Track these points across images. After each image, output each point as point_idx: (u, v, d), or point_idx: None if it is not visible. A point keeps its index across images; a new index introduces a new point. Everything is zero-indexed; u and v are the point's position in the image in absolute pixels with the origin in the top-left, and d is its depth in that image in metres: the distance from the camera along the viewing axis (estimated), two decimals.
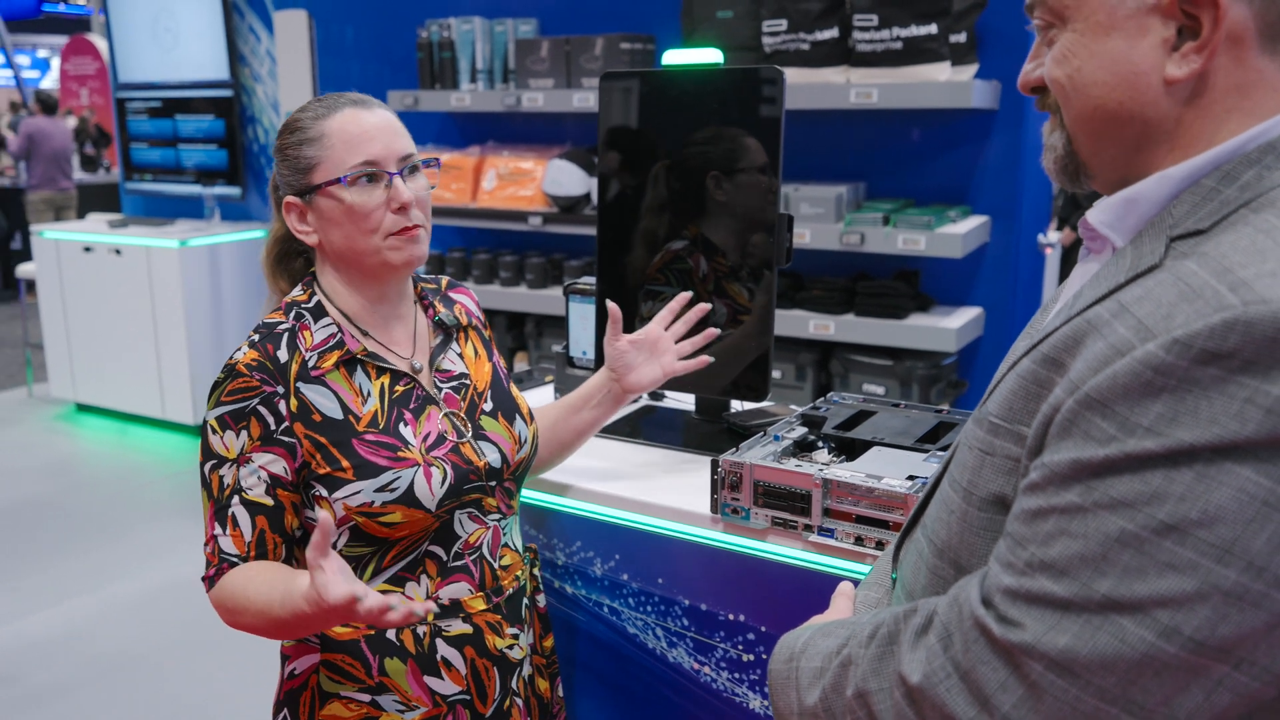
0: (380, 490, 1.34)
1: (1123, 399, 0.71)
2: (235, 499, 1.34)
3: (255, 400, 1.34)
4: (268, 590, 1.27)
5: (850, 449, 1.61)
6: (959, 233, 3.14)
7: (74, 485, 4.96)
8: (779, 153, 1.69)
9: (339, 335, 1.40)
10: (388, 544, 1.39)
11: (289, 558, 1.38)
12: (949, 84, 3.11)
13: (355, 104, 1.41)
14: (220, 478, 1.34)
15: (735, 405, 1.96)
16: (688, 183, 1.79)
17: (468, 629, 1.43)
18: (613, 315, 1.66)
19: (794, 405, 1.95)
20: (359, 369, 1.40)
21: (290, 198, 1.41)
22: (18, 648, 3.46)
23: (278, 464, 1.34)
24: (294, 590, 1.22)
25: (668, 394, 2.10)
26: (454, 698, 1.43)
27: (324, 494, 1.35)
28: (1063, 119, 0.89)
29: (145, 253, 5.38)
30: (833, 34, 3.24)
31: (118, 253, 5.49)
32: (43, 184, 9.11)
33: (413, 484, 1.36)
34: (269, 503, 1.34)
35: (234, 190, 5.70)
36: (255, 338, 1.38)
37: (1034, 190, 3.53)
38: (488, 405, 1.50)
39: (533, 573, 1.60)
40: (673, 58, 2.17)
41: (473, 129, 4.49)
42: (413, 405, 1.42)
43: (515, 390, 1.57)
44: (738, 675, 1.61)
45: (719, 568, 1.59)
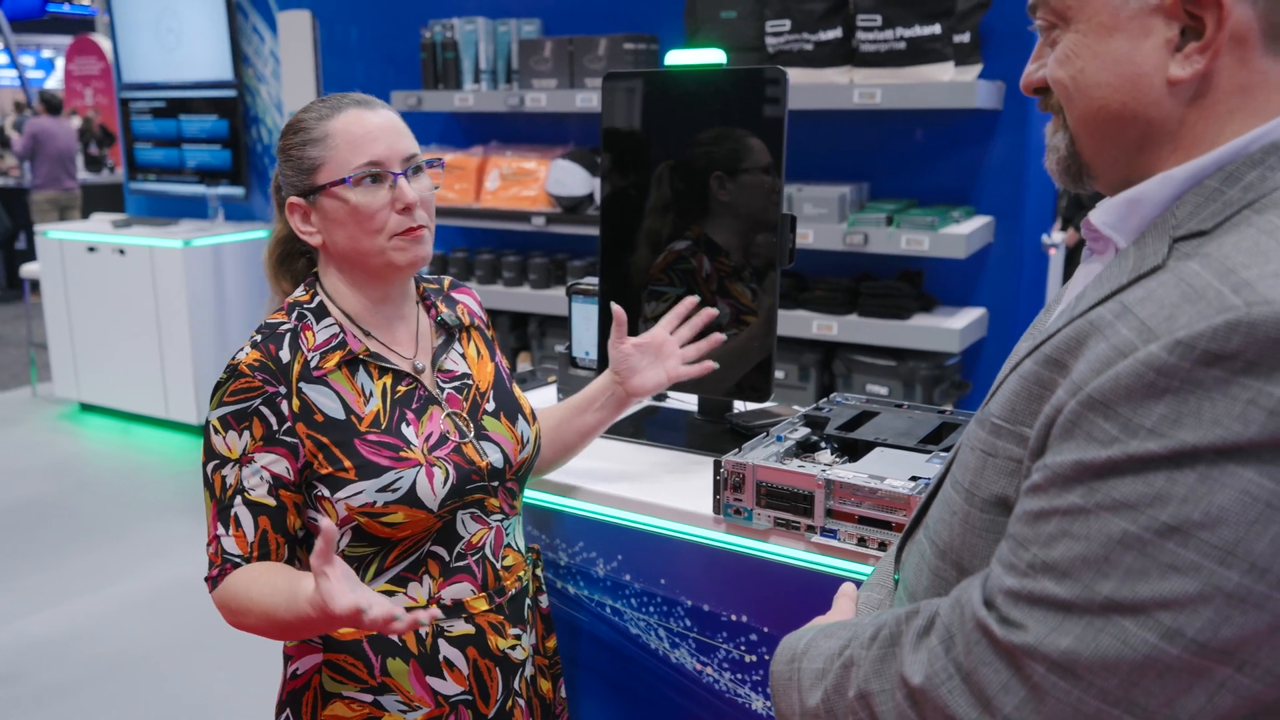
0: (382, 490, 1.34)
1: (1125, 400, 0.71)
2: (238, 499, 1.34)
3: (257, 400, 1.34)
4: (272, 593, 1.27)
5: (853, 450, 1.60)
6: (963, 233, 3.13)
7: (77, 485, 4.97)
8: (782, 153, 1.69)
9: (341, 335, 1.41)
10: (390, 544, 1.39)
11: (291, 558, 1.38)
12: (952, 84, 3.10)
13: (359, 104, 1.40)
14: (223, 478, 1.34)
15: (738, 406, 1.96)
16: (691, 183, 1.79)
17: (470, 629, 1.43)
18: (617, 318, 1.65)
19: (797, 406, 1.95)
20: (361, 369, 1.41)
21: (294, 198, 1.41)
22: (21, 647, 3.47)
23: (280, 464, 1.34)
24: (299, 594, 1.22)
25: (670, 394, 2.10)
26: (456, 698, 1.43)
27: (326, 494, 1.35)
28: (1065, 120, 0.88)
29: (149, 253, 5.39)
30: (836, 34, 3.24)
31: (121, 253, 5.50)
32: (47, 184, 9.12)
33: (414, 484, 1.36)
34: (271, 503, 1.34)
35: (237, 190, 5.71)
36: (257, 338, 1.38)
37: (1038, 191, 3.52)
38: (490, 405, 1.50)
39: (535, 573, 1.60)
40: (676, 58, 2.17)
41: (476, 129, 4.49)
42: (415, 405, 1.42)
43: (518, 390, 1.57)
44: (740, 676, 1.61)
45: (721, 568, 1.59)
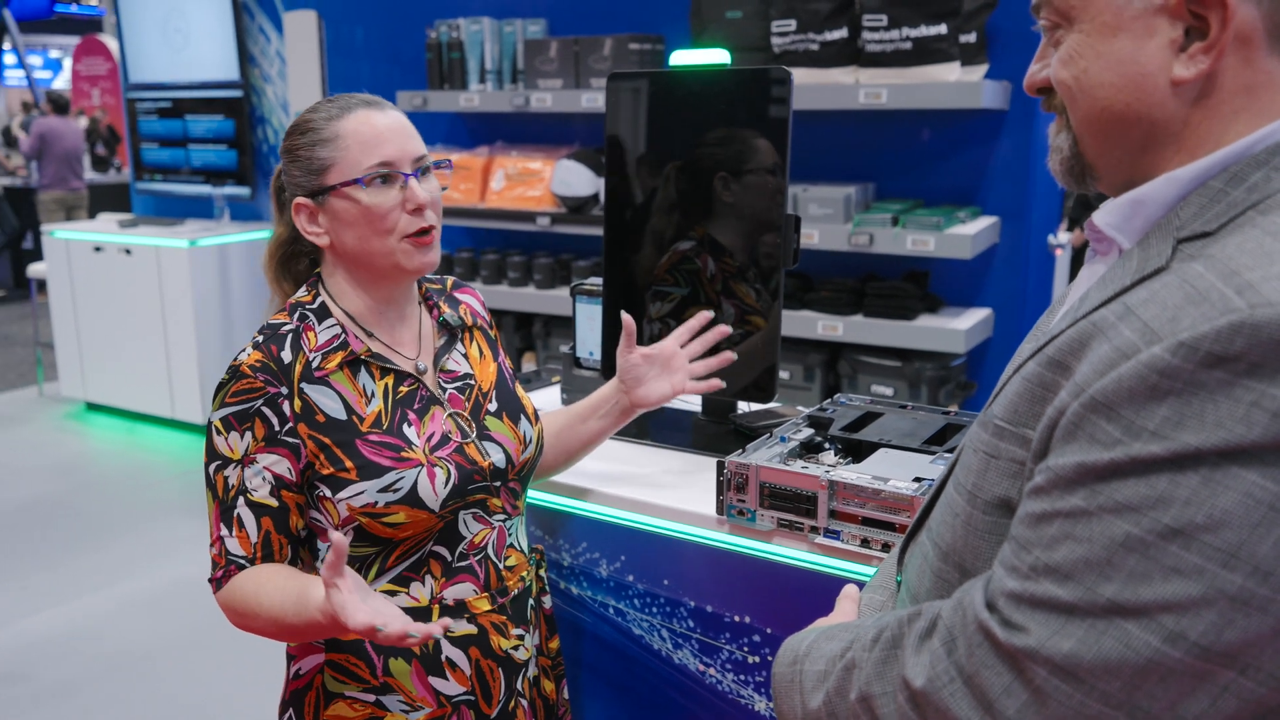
0: (383, 490, 1.34)
1: (1128, 402, 0.71)
2: (240, 500, 1.34)
3: (259, 401, 1.34)
4: (280, 597, 1.27)
5: (857, 451, 1.60)
6: (968, 233, 3.13)
7: (83, 484, 4.98)
8: (787, 153, 1.68)
9: (343, 336, 1.40)
10: (392, 544, 1.39)
11: (294, 558, 1.38)
12: (959, 84, 3.09)
13: (368, 105, 1.40)
14: (225, 479, 1.34)
15: (742, 406, 1.95)
16: (695, 183, 1.78)
17: (473, 630, 1.43)
18: (627, 327, 1.63)
19: (801, 406, 1.94)
20: (363, 370, 1.40)
21: (301, 199, 1.40)
22: (27, 645, 3.47)
23: (282, 465, 1.34)
24: (308, 599, 1.22)
25: None
26: (459, 698, 1.43)
27: (328, 495, 1.35)
28: (1069, 120, 0.88)
29: (155, 252, 5.40)
30: (842, 34, 3.24)
31: (128, 252, 5.52)
32: (54, 184, 9.15)
33: (416, 484, 1.36)
34: (274, 504, 1.34)
35: (244, 190, 5.72)
36: (259, 339, 1.38)
37: (1044, 191, 3.51)
38: (492, 405, 1.50)
39: (538, 574, 1.60)
40: (681, 58, 2.17)
41: (481, 129, 4.49)
42: (417, 406, 1.42)
43: (520, 390, 1.57)
44: (743, 677, 1.61)
45: (725, 569, 1.59)
